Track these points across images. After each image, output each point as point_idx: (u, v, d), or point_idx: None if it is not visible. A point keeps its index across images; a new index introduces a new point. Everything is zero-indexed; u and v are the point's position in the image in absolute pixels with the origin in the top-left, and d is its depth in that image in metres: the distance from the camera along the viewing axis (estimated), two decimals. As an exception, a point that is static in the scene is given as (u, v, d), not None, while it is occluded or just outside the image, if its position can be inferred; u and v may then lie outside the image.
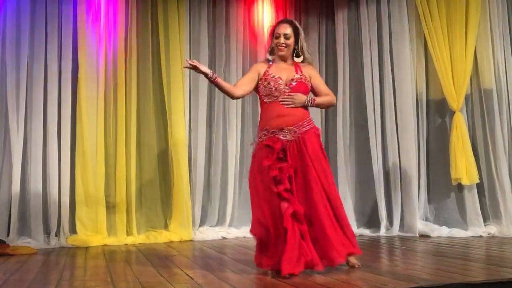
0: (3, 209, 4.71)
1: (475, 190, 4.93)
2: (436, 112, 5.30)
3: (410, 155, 5.20)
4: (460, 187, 5.01)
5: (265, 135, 3.14)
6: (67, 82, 5.00)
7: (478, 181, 4.92)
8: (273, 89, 3.17)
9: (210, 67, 5.56)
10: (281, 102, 3.16)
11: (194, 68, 3.07)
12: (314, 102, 3.24)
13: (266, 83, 3.19)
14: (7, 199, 4.72)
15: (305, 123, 3.17)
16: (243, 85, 3.25)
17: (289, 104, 3.15)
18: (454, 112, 5.02)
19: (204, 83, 5.51)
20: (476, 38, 5.00)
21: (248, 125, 5.65)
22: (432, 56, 5.14)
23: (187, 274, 3.11)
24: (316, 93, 3.34)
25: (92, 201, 4.90)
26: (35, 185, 4.79)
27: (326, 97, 3.34)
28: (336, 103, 4.27)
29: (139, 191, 5.16)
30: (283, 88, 3.17)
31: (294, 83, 3.19)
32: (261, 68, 3.28)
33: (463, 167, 4.90)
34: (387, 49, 5.43)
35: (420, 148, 5.27)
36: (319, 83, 3.34)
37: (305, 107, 3.21)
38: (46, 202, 4.83)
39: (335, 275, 2.94)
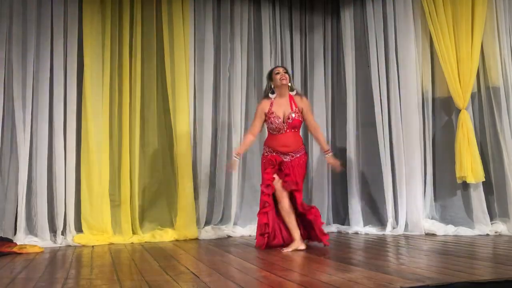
0: (10, 208, 4.73)
1: (481, 188, 4.90)
2: (442, 110, 5.27)
3: (416, 154, 5.18)
4: (466, 186, 4.98)
5: (271, 152, 4.22)
6: (72, 81, 5.02)
7: (484, 179, 4.88)
8: (274, 126, 4.21)
9: (215, 66, 5.59)
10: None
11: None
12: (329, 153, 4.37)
13: (269, 121, 4.23)
14: (14, 198, 4.75)
15: (300, 150, 4.26)
16: (257, 128, 4.34)
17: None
18: (460, 110, 5.00)
19: (209, 82, 5.52)
20: (482, 36, 4.96)
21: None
22: (438, 54, 5.12)
23: (192, 273, 3.11)
24: (306, 123, 4.36)
25: (98, 200, 4.92)
26: (41, 184, 4.82)
27: (322, 136, 4.48)
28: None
29: (144, 190, 5.18)
30: (281, 124, 4.20)
31: (290, 121, 4.21)
32: (265, 107, 4.27)
33: (469, 165, 4.87)
34: (392, 47, 5.41)
35: (426, 146, 5.24)
36: (309, 115, 4.35)
37: (300, 140, 4.29)
38: (52, 201, 4.85)
39: (341, 273, 2.93)
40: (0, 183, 4.76)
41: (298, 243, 4.13)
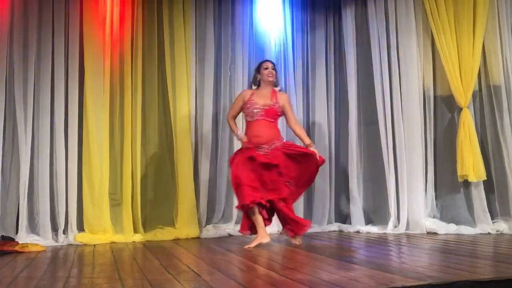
0: (12, 207, 4.74)
1: (481, 187, 4.89)
2: (444, 108, 5.27)
3: (417, 152, 5.17)
4: (467, 184, 4.98)
5: (246, 147, 4.29)
6: (73, 81, 5.02)
7: (485, 178, 4.88)
8: (250, 111, 4.36)
9: (215, 65, 5.59)
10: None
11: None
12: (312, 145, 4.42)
13: (247, 106, 4.38)
14: (16, 197, 4.75)
15: (276, 142, 4.33)
16: (235, 112, 4.54)
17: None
18: (462, 109, 4.99)
19: (209, 81, 5.52)
20: (484, 34, 4.95)
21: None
22: (440, 52, 5.10)
23: (194, 271, 3.11)
24: (286, 119, 4.55)
25: (99, 199, 4.93)
26: (43, 183, 4.82)
27: (303, 131, 4.56)
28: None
29: (145, 189, 5.18)
30: (257, 111, 4.34)
31: (267, 108, 4.35)
32: (246, 95, 4.46)
33: (470, 164, 4.86)
34: (394, 46, 5.40)
35: (427, 145, 5.24)
36: (289, 111, 4.51)
37: (277, 130, 4.41)
38: (53, 200, 4.86)
39: (343, 272, 2.93)
40: (2, 182, 4.76)
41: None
